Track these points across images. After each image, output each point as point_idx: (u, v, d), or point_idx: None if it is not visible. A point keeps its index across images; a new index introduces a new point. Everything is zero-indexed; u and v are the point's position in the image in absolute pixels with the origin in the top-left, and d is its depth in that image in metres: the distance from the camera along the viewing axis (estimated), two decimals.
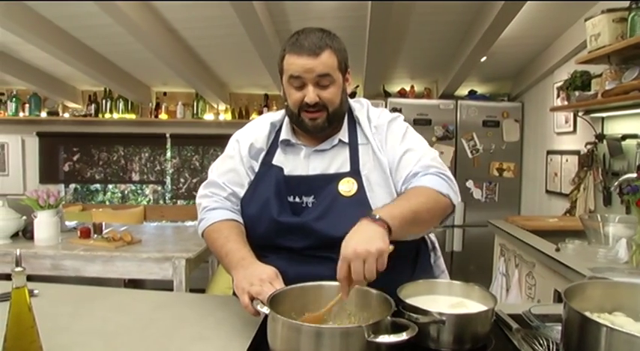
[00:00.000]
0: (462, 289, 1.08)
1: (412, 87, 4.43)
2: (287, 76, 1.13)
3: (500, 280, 2.54)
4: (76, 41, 3.37)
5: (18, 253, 0.86)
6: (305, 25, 1.22)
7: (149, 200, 5.31)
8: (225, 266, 1.09)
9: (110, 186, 5.26)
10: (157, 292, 1.29)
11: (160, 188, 5.10)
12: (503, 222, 2.69)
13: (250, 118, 4.54)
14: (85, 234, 2.61)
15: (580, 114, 2.87)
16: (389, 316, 0.81)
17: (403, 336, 0.76)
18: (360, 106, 1.26)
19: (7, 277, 2.54)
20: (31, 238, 2.51)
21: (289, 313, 0.89)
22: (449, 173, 1.15)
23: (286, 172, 1.19)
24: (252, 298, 0.93)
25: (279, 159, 1.22)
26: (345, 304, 0.93)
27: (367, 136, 1.20)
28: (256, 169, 1.23)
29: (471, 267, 3.88)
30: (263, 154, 1.24)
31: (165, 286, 2.36)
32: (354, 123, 1.23)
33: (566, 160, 3.29)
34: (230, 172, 1.24)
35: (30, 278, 2.59)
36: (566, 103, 2.89)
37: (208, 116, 4.61)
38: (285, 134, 1.23)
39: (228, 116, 4.63)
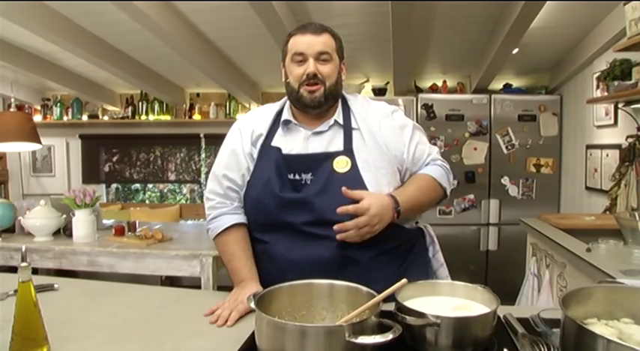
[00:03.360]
0: (466, 291, 1.04)
1: (444, 82, 4.32)
2: (291, 54, 1.25)
3: (531, 281, 2.43)
4: (111, 47, 3.53)
5: (24, 250, 0.91)
6: (329, 22, 1.40)
7: (187, 199, 5.47)
8: (231, 279, 1.27)
9: (150, 185, 5.46)
10: (166, 289, 1.33)
11: (196, 187, 5.24)
12: (536, 220, 2.58)
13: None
14: (120, 232, 2.72)
15: (621, 105, 2.70)
16: (373, 316, 0.79)
17: (385, 337, 0.74)
18: (354, 97, 1.37)
19: (48, 271, 2.67)
20: (70, 235, 2.63)
21: (280, 311, 0.89)
22: (448, 166, 1.37)
23: (285, 151, 1.26)
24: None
25: (277, 141, 1.29)
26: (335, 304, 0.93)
27: (358, 121, 1.29)
28: (255, 155, 1.29)
29: (506, 266, 3.74)
30: (262, 138, 1.30)
31: (199, 283, 2.42)
32: (348, 111, 1.32)
33: (607, 155, 3.10)
34: (230, 159, 1.31)
35: (71, 274, 2.72)
36: (605, 94, 2.72)
37: (241, 116, 4.69)
38: (286, 115, 1.31)
39: None
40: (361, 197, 1.13)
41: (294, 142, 1.28)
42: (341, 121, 1.29)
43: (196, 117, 4.67)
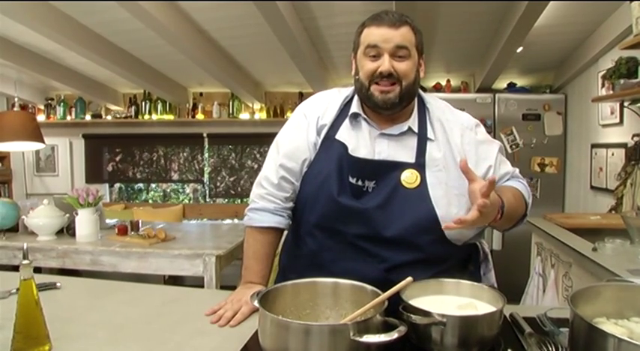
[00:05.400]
0: (472, 290, 1.02)
1: (448, 81, 4.30)
2: (363, 47, 1.13)
3: (536, 281, 2.42)
4: (113, 46, 3.52)
5: (25, 247, 0.90)
6: (332, 21, 1.25)
7: (190, 199, 5.47)
8: (241, 273, 1.24)
9: (153, 185, 5.46)
10: (169, 287, 1.32)
11: (199, 187, 5.24)
12: (541, 219, 2.56)
13: (285, 117, 4.59)
14: (123, 231, 2.72)
15: (626, 104, 2.68)
16: (378, 315, 0.78)
17: (390, 336, 0.73)
18: (434, 101, 1.24)
19: (51, 270, 2.67)
20: (74, 234, 2.64)
21: (284, 310, 0.88)
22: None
23: (350, 149, 1.15)
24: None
25: (343, 134, 1.18)
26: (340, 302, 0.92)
27: (436, 131, 1.17)
28: (318, 146, 1.20)
29: (511, 266, 3.72)
30: (326, 128, 1.20)
31: (202, 282, 2.41)
32: (424, 116, 1.20)
33: (612, 154, 3.08)
34: (291, 147, 1.22)
35: (74, 273, 2.72)
36: (611, 92, 2.70)
37: (244, 115, 4.69)
38: (355, 108, 1.20)
39: (264, 115, 4.68)
40: (474, 179, 1.00)
41: (361, 140, 1.16)
42: (415, 129, 1.16)
43: (199, 116, 4.67)
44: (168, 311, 1.12)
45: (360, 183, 1.13)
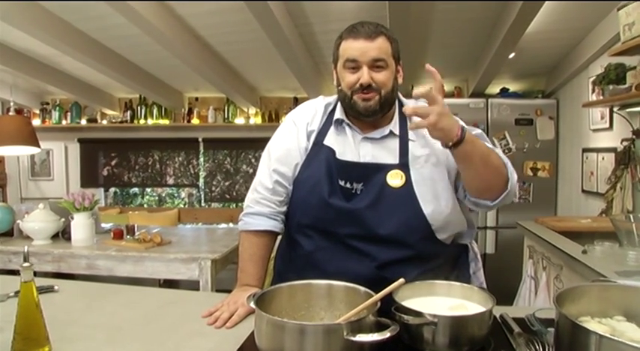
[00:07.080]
0: (463, 291, 1.05)
1: (442, 86, 4.34)
2: (342, 61, 1.18)
3: (528, 283, 2.45)
4: (109, 51, 3.54)
5: (26, 250, 0.92)
6: (327, 26, 1.27)
7: (185, 203, 5.47)
8: (237, 277, 1.27)
9: (148, 189, 5.46)
10: (166, 290, 1.34)
11: (195, 191, 5.25)
12: (532, 223, 2.60)
13: (280, 121, 4.61)
14: (118, 235, 2.72)
15: (616, 109, 2.73)
16: (371, 315, 0.80)
17: (383, 335, 0.75)
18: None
19: (45, 274, 2.66)
20: (69, 238, 2.63)
21: (279, 311, 0.90)
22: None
23: (338, 154, 1.21)
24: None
25: (330, 140, 1.24)
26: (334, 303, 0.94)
27: (417, 131, 1.19)
28: (308, 149, 1.25)
29: (504, 269, 3.76)
30: (314, 134, 1.26)
31: (198, 286, 2.43)
32: (404, 118, 1.23)
33: (603, 158, 3.13)
34: (283, 152, 1.27)
35: (69, 277, 2.71)
36: (600, 98, 2.75)
37: (239, 120, 4.71)
38: (339, 114, 1.25)
39: (259, 120, 4.70)
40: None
41: (346, 144, 1.23)
42: (397, 132, 1.22)
43: (195, 121, 4.69)
44: (166, 313, 1.14)
45: (348, 185, 1.19)
